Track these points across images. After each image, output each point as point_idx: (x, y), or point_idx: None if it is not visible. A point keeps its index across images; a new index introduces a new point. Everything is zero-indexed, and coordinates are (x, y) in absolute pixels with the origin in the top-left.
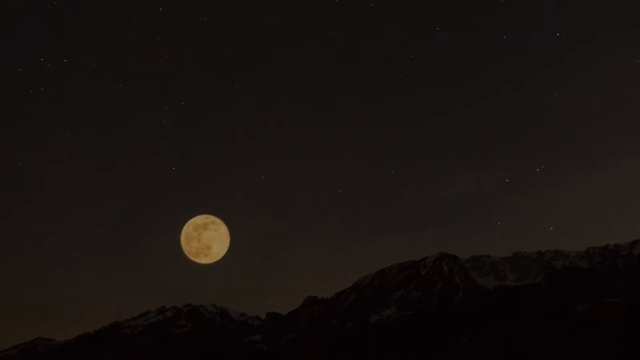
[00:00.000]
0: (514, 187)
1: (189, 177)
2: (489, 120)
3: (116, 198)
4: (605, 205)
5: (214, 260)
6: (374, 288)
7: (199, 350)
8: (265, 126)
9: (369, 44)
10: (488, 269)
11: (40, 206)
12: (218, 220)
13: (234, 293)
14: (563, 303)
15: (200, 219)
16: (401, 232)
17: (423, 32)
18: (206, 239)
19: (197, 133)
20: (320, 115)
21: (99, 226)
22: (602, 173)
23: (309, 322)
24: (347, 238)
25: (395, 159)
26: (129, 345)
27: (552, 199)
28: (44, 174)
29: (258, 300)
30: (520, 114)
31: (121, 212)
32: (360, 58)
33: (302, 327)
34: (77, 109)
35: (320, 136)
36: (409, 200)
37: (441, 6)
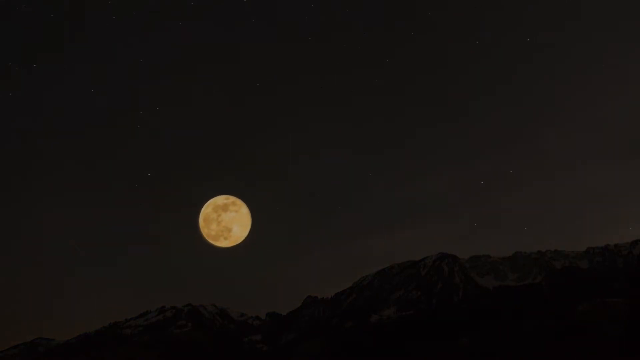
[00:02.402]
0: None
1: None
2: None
3: (120, 188)
4: (605, 205)
5: (234, 244)
6: (374, 288)
7: (199, 350)
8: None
9: (344, 49)
10: (488, 269)
11: (38, 205)
12: (239, 201)
13: (234, 293)
14: (563, 303)
15: (219, 200)
16: (401, 232)
17: (399, 37)
18: (226, 221)
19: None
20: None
21: (100, 222)
22: (602, 173)
23: (309, 322)
24: (347, 237)
25: (386, 161)
26: (129, 345)
27: (552, 198)
28: (41, 172)
29: (258, 300)
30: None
31: (125, 204)
32: (337, 63)
33: (302, 327)
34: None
35: (314, 138)
36: (406, 200)
37: (419, 11)
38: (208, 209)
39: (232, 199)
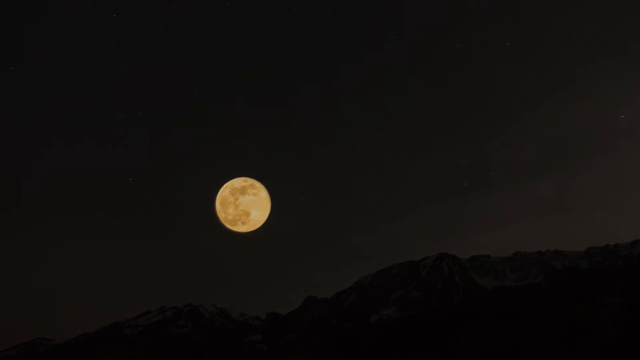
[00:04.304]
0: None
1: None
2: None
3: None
4: (605, 205)
5: (252, 229)
6: (374, 288)
7: (199, 350)
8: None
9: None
10: (488, 269)
11: (38, 204)
12: (258, 184)
13: (233, 293)
14: (563, 303)
15: (237, 182)
16: (401, 231)
17: (378, 42)
18: (244, 204)
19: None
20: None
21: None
22: (602, 173)
23: (309, 322)
24: (347, 237)
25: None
26: (129, 345)
27: (553, 198)
28: (41, 170)
29: (258, 300)
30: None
31: (130, 194)
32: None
33: (302, 327)
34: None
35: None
36: (406, 201)
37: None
38: (225, 192)
39: (250, 181)
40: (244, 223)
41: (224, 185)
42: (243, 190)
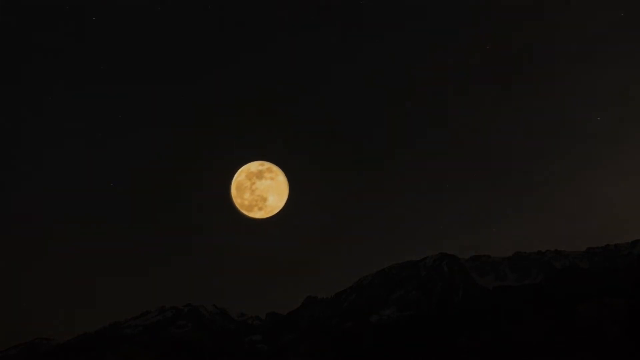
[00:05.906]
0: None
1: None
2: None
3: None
4: (606, 205)
5: (270, 215)
6: (374, 288)
7: (199, 350)
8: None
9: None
10: (488, 269)
11: (38, 205)
12: (275, 168)
13: (234, 293)
14: (563, 303)
15: (254, 166)
16: (401, 232)
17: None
18: (261, 189)
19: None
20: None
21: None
22: (602, 172)
23: (309, 322)
24: (347, 237)
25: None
26: (129, 345)
27: (553, 198)
28: (42, 170)
29: (258, 300)
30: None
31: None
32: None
33: (302, 327)
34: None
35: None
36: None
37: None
38: (241, 177)
39: (267, 164)
40: (260, 209)
41: (240, 169)
42: (260, 175)
